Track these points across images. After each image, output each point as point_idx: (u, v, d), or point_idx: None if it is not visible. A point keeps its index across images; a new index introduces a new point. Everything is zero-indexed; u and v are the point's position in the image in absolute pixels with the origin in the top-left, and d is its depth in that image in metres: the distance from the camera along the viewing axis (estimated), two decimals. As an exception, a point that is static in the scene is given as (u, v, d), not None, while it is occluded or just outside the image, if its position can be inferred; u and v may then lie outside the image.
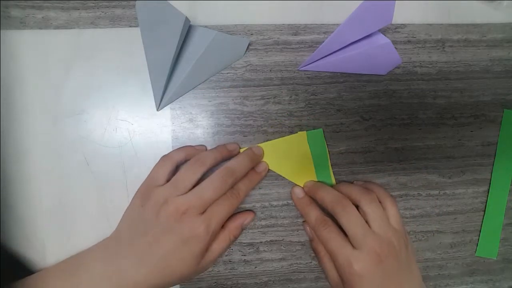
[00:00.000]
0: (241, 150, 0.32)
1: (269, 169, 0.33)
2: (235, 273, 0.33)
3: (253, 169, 0.32)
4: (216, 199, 0.28)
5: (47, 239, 0.31)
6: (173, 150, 0.31)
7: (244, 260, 0.34)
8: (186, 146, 0.32)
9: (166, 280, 0.27)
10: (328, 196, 0.30)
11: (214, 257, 0.29)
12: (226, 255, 0.33)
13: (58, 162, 0.31)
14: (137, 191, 0.30)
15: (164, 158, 0.30)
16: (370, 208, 0.29)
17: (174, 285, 0.28)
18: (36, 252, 0.31)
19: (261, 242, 0.34)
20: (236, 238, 0.31)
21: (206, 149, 0.32)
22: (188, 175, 0.29)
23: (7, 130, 0.31)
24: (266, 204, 0.33)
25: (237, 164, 0.30)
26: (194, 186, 0.28)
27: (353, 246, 0.28)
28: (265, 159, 0.33)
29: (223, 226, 0.30)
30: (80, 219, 0.32)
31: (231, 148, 0.32)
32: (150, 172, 0.30)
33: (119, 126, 0.32)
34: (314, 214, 0.31)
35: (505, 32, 0.36)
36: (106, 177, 0.32)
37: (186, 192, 0.28)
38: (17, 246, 0.31)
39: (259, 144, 0.33)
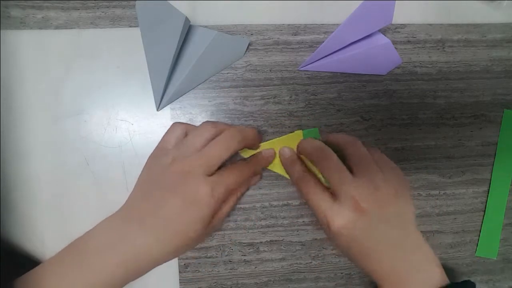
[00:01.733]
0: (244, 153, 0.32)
1: (268, 169, 0.33)
2: (235, 273, 0.33)
3: (261, 152, 0.31)
4: (223, 158, 0.27)
5: (47, 239, 0.31)
6: (184, 123, 0.31)
7: (244, 260, 0.34)
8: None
9: (172, 244, 0.25)
10: (309, 146, 0.29)
11: (223, 216, 0.28)
12: (226, 255, 0.33)
13: (58, 162, 0.31)
14: (149, 157, 0.29)
15: (175, 123, 0.30)
16: (352, 149, 0.27)
17: (180, 250, 0.27)
18: (37, 251, 0.31)
19: (261, 242, 0.34)
20: (242, 195, 0.31)
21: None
22: (196, 138, 0.27)
23: (7, 130, 0.31)
24: (266, 204, 0.33)
25: (247, 129, 0.29)
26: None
27: (333, 199, 0.26)
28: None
29: None
30: (80, 219, 0.32)
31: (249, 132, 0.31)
32: (161, 138, 0.29)
33: (119, 126, 0.32)
34: (296, 170, 0.30)
35: (505, 32, 0.36)
36: (106, 177, 0.32)
37: (194, 154, 0.27)
38: (17, 245, 0.31)
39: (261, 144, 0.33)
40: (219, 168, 0.27)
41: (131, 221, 0.26)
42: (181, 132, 0.29)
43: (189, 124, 0.31)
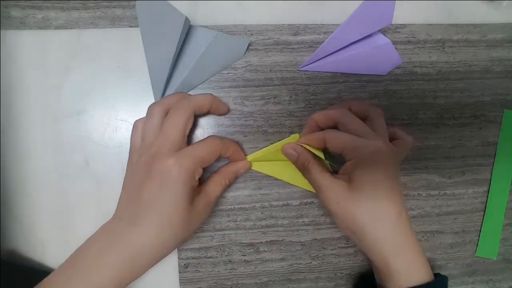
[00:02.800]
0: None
1: (257, 170, 0.33)
2: (235, 273, 0.33)
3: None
4: (180, 130, 0.26)
5: (47, 239, 0.31)
6: (144, 117, 0.29)
7: (244, 260, 0.34)
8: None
9: (166, 232, 0.25)
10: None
11: (211, 200, 0.28)
12: (226, 255, 0.33)
13: (58, 162, 0.31)
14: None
15: (134, 123, 0.29)
16: (348, 121, 0.28)
17: (178, 237, 0.26)
18: (36, 252, 0.31)
19: (261, 242, 0.34)
20: (230, 183, 0.30)
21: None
22: (149, 122, 0.27)
23: (7, 130, 0.31)
24: (266, 204, 0.33)
25: (196, 95, 0.29)
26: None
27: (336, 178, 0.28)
28: (262, 166, 0.33)
29: (217, 171, 0.30)
30: (80, 219, 0.32)
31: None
32: (130, 139, 0.29)
33: (119, 126, 0.32)
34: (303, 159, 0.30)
35: (505, 32, 0.36)
36: (106, 177, 0.32)
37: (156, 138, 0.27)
38: (16, 246, 0.31)
39: (255, 152, 0.32)
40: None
41: (123, 221, 0.26)
42: (141, 128, 0.29)
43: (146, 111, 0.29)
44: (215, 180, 0.29)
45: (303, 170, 0.29)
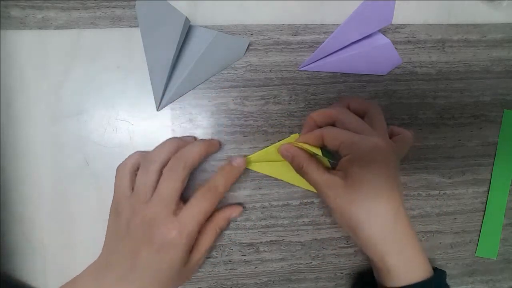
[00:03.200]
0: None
1: (257, 171, 0.33)
2: (235, 273, 0.33)
3: (229, 162, 0.30)
4: (177, 192, 0.27)
5: (47, 239, 0.31)
6: (126, 158, 0.30)
7: (244, 260, 0.34)
8: (137, 151, 0.31)
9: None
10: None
11: (203, 252, 0.28)
12: (226, 255, 0.33)
13: (58, 162, 0.31)
14: (110, 209, 0.29)
15: (118, 168, 0.29)
16: (346, 118, 0.28)
17: None
18: (36, 252, 0.31)
19: (261, 242, 0.34)
20: (222, 230, 0.30)
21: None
22: (143, 178, 0.27)
23: (7, 130, 0.31)
24: (266, 204, 0.33)
25: (186, 149, 0.28)
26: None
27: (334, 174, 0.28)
28: (262, 166, 0.32)
29: (209, 219, 0.29)
30: (80, 219, 0.32)
31: (188, 139, 0.31)
32: (114, 188, 0.29)
33: (119, 126, 0.32)
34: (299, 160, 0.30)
35: (505, 32, 0.36)
36: (106, 177, 0.32)
37: (151, 196, 0.27)
38: (16, 246, 0.31)
39: (255, 153, 0.32)
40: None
41: (113, 273, 0.26)
42: (129, 175, 0.28)
43: (129, 157, 0.29)
44: (207, 231, 0.29)
45: (299, 170, 0.29)
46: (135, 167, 0.29)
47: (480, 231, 0.36)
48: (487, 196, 0.36)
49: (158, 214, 0.26)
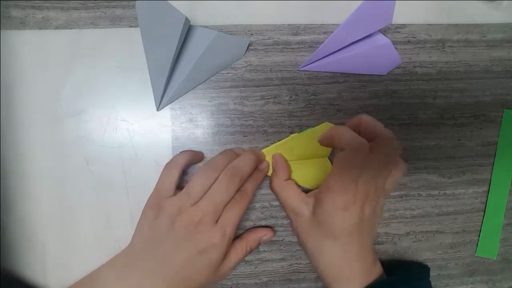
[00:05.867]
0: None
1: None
2: (235, 273, 0.33)
3: (257, 168, 0.31)
4: (227, 201, 0.28)
5: (47, 239, 0.31)
6: (175, 156, 0.31)
7: (244, 260, 0.34)
8: (186, 150, 0.32)
9: None
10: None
11: (232, 266, 0.29)
12: (226, 255, 0.33)
13: (58, 162, 0.31)
14: (146, 204, 0.29)
15: (168, 165, 0.30)
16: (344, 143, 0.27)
17: None
18: (36, 252, 0.31)
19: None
20: (252, 250, 0.31)
21: (203, 155, 0.33)
22: (202, 182, 0.28)
23: (7, 130, 0.31)
24: (266, 204, 0.33)
25: (242, 163, 0.29)
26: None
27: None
28: (286, 154, 0.32)
29: (241, 237, 0.31)
30: (80, 219, 0.32)
31: (239, 151, 0.31)
32: (157, 183, 0.29)
33: (119, 126, 0.32)
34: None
35: (505, 32, 0.36)
36: (106, 177, 0.32)
37: (198, 200, 0.27)
38: (17, 246, 0.31)
39: (285, 139, 0.32)
40: None
41: (141, 270, 0.26)
42: (178, 174, 0.29)
43: (179, 156, 0.30)
44: (238, 247, 0.30)
45: (271, 184, 0.31)
46: (183, 167, 0.30)
47: (480, 231, 0.36)
48: (487, 196, 0.36)
49: (206, 217, 0.27)
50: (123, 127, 0.32)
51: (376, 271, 0.28)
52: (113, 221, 0.31)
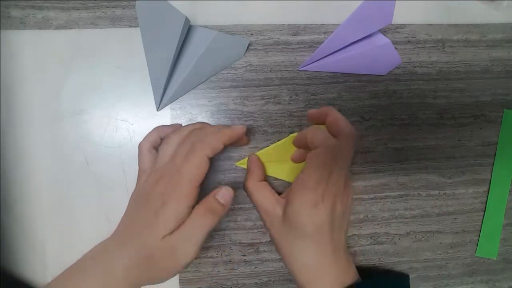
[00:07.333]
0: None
1: (270, 175, 0.33)
2: (235, 273, 0.33)
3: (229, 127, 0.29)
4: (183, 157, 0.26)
5: (47, 239, 0.31)
6: (146, 135, 0.30)
7: (244, 260, 0.34)
8: (157, 126, 0.31)
9: (144, 253, 0.25)
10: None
11: (198, 230, 0.27)
12: (226, 255, 0.33)
13: (58, 162, 0.31)
14: (135, 186, 0.29)
15: (140, 144, 0.29)
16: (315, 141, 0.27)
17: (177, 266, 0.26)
18: (36, 252, 0.31)
19: (261, 242, 0.34)
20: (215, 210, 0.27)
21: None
22: (165, 147, 0.28)
23: (7, 130, 0.31)
24: (266, 204, 0.33)
25: (209, 127, 0.29)
26: None
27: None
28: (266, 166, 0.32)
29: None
30: (80, 219, 0.32)
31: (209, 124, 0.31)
32: (138, 163, 0.29)
33: (119, 126, 0.32)
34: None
35: (505, 32, 0.36)
36: (106, 177, 0.32)
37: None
38: (17, 245, 0.31)
39: (256, 152, 0.32)
40: None
41: (113, 244, 0.26)
42: (152, 148, 0.29)
43: (148, 135, 0.30)
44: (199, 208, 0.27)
45: (244, 186, 0.31)
46: (154, 143, 0.29)
47: (480, 231, 0.36)
48: (487, 196, 0.36)
49: (166, 174, 0.26)
50: (123, 127, 0.32)
51: (351, 274, 0.28)
52: (113, 221, 0.31)
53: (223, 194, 0.27)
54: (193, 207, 0.26)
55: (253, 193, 0.30)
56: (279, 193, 0.30)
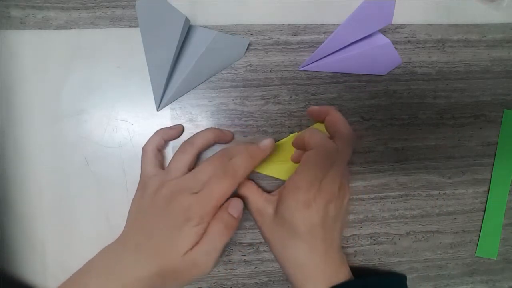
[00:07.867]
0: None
1: (259, 172, 0.33)
2: (235, 273, 0.33)
3: (256, 145, 0.29)
4: (210, 175, 0.27)
5: (47, 239, 0.31)
6: (149, 139, 0.31)
7: (244, 260, 0.34)
8: (159, 129, 0.31)
9: (167, 267, 0.25)
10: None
11: (214, 244, 0.27)
12: (226, 255, 0.33)
13: (58, 162, 0.31)
14: (137, 187, 0.30)
15: (144, 148, 0.30)
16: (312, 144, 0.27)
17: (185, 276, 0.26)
18: (36, 252, 0.31)
19: (261, 242, 0.34)
20: (230, 223, 0.28)
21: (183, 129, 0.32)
22: (179, 157, 0.28)
23: (7, 130, 0.31)
24: (266, 204, 0.33)
25: (237, 146, 0.29)
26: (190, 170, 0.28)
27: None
28: (262, 166, 0.32)
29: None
30: (80, 219, 0.32)
31: (227, 133, 0.32)
32: (141, 166, 0.30)
33: (119, 126, 0.32)
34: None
35: (505, 32, 0.36)
36: (106, 177, 0.32)
37: (180, 175, 0.28)
38: (17, 245, 0.31)
39: None
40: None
41: (126, 249, 0.26)
42: (155, 154, 0.30)
43: (153, 138, 0.31)
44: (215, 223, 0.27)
45: (238, 189, 0.30)
46: (160, 147, 0.30)
47: (480, 231, 0.36)
48: (487, 196, 0.36)
49: (186, 188, 0.26)
50: (123, 127, 0.32)
51: (344, 273, 0.28)
52: (113, 221, 0.31)
53: (235, 206, 0.28)
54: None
55: (242, 191, 0.30)
56: (268, 192, 0.30)
